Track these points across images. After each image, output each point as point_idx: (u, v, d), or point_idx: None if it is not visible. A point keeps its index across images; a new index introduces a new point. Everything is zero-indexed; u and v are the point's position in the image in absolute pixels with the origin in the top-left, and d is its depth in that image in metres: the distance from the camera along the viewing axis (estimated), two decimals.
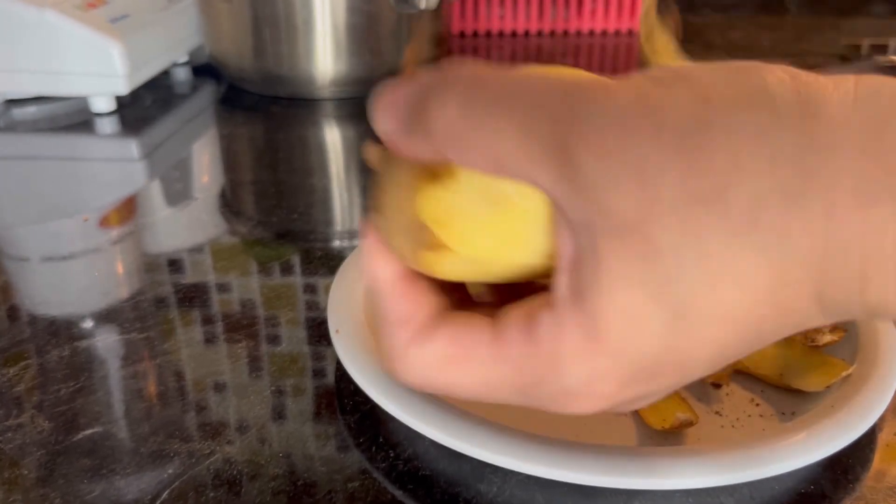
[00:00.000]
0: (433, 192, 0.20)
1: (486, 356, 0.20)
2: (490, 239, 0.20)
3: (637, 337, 0.18)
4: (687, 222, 0.17)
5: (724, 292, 0.17)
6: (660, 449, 0.28)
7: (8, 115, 0.70)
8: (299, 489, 0.29)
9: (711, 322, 0.18)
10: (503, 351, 0.20)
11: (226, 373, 0.35)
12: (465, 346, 0.21)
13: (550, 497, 0.28)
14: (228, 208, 0.55)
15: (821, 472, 0.29)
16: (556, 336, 0.19)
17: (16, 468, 0.30)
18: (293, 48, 0.72)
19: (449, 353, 0.21)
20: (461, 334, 0.21)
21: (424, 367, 0.21)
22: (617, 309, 0.18)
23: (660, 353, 0.18)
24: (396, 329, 0.22)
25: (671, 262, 0.17)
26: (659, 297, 0.17)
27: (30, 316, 0.40)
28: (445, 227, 0.20)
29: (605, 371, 0.19)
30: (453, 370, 0.21)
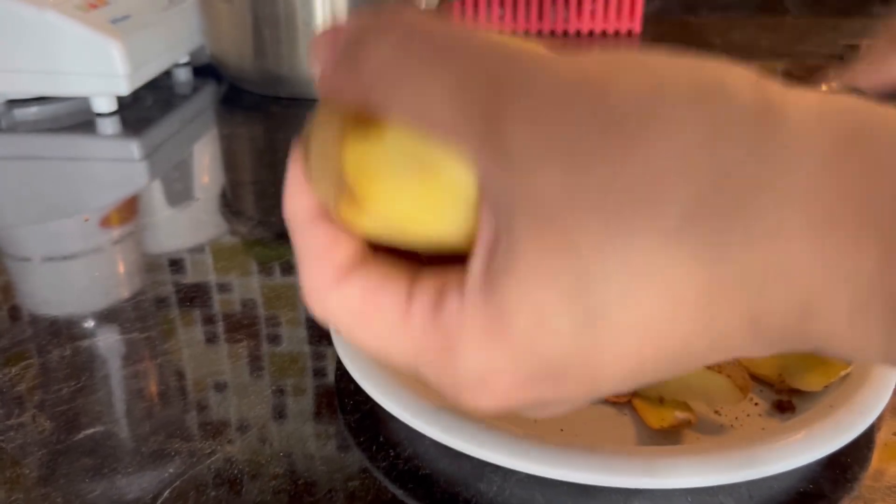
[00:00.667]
0: (359, 144, 0.19)
1: (392, 320, 0.19)
2: (409, 205, 0.19)
3: (542, 336, 0.16)
4: (612, 220, 0.15)
5: (646, 301, 0.16)
6: (659, 448, 0.28)
7: (9, 115, 0.70)
8: (300, 488, 0.29)
9: (628, 332, 0.16)
10: (408, 322, 0.19)
11: (226, 372, 0.35)
12: (375, 307, 0.19)
13: (550, 496, 0.28)
14: (229, 208, 0.55)
15: (819, 472, 0.29)
16: (458, 321, 0.18)
17: (17, 467, 0.30)
18: (293, 48, 0.72)
19: (360, 309, 0.20)
20: (374, 291, 0.19)
21: (336, 314, 0.20)
22: (525, 303, 0.16)
23: (565, 358, 0.17)
24: (314, 266, 0.20)
25: (589, 262, 0.16)
26: (572, 298, 0.16)
27: (31, 316, 0.40)
28: (366, 183, 0.19)
29: (501, 366, 0.17)
30: (361, 328, 0.20)
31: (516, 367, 0.17)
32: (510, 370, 0.17)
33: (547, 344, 0.16)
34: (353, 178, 0.19)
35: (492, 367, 0.17)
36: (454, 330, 0.18)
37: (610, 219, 0.15)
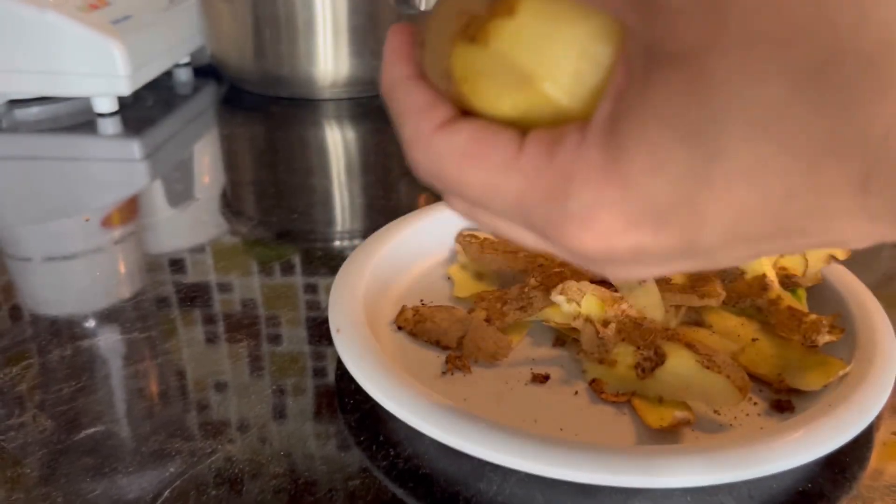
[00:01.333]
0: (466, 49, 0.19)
1: (501, 161, 0.19)
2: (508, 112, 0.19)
3: (658, 176, 0.17)
4: (749, 63, 0.15)
5: (762, 148, 0.16)
6: (659, 448, 0.28)
7: (10, 115, 0.70)
8: (300, 488, 0.29)
9: (741, 178, 0.16)
10: (520, 160, 0.19)
11: (227, 372, 0.35)
12: (485, 146, 0.19)
13: (550, 495, 0.28)
14: (229, 208, 0.55)
15: (818, 471, 0.29)
16: (575, 156, 0.18)
17: (18, 467, 0.30)
18: (294, 49, 0.72)
19: (468, 148, 0.20)
20: (485, 134, 0.20)
21: (442, 156, 0.20)
22: (646, 143, 0.17)
23: (677, 199, 0.17)
24: (421, 116, 0.20)
25: (720, 103, 0.16)
26: (694, 139, 0.16)
27: (32, 315, 0.40)
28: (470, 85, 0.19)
29: (612, 202, 0.17)
30: (467, 166, 0.20)
31: (626, 207, 0.17)
32: (619, 209, 0.18)
33: (658, 185, 0.17)
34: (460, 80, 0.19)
35: (602, 203, 0.18)
36: (569, 164, 0.18)
37: (746, 63, 0.15)
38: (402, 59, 0.21)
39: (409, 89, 0.21)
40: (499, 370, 0.35)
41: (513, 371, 0.35)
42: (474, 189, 0.20)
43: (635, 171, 0.17)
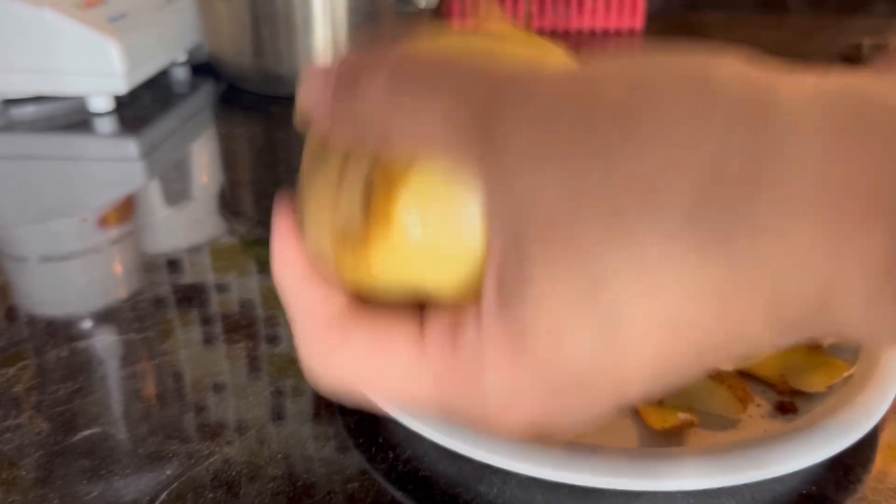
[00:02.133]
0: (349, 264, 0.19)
1: (406, 363, 0.19)
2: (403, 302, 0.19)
3: (563, 350, 0.16)
4: (615, 220, 0.15)
5: (660, 298, 0.16)
6: (661, 450, 0.28)
7: (6, 114, 0.70)
8: (299, 490, 0.28)
9: (647, 331, 0.16)
10: (425, 357, 0.18)
11: (225, 373, 0.35)
12: (385, 351, 0.19)
13: (551, 498, 0.28)
14: (227, 208, 0.54)
15: (822, 473, 0.29)
16: (478, 346, 0.17)
17: (14, 469, 0.29)
18: (292, 47, 0.72)
19: (369, 356, 0.19)
20: (382, 338, 0.19)
21: (345, 370, 0.20)
22: (542, 318, 0.16)
23: (589, 368, 0.17)
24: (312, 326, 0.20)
25: (599, 265, 0.15)
26: (586, 305, 0.16)
27: (28, 316, 0.40)
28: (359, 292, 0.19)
29: (528, 383, 0.17)
30: (373, 375, 0.19)
31: (542, 384, 0.17)
32: (536, 388, 0.17)
33: (569, 357, 0.16)
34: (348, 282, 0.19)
35: (517, 387, 0.17)
36: (475, 355, 0.17)
37: (612, 220, 0.15)
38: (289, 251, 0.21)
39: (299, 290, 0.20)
40: None
41: None
42: (388, 394, 0.19)
43: (541, 347, 0.17)
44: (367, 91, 0.18)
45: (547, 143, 0.16)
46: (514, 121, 0.16)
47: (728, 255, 0.15)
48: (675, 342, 0.16)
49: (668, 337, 0.16)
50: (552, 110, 0.16)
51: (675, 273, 0.15)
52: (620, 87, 0.16)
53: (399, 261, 0.19)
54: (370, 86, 0.18)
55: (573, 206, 0.15)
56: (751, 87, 0.15)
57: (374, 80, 0.18)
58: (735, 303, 0.16)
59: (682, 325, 0.16)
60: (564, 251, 0.16)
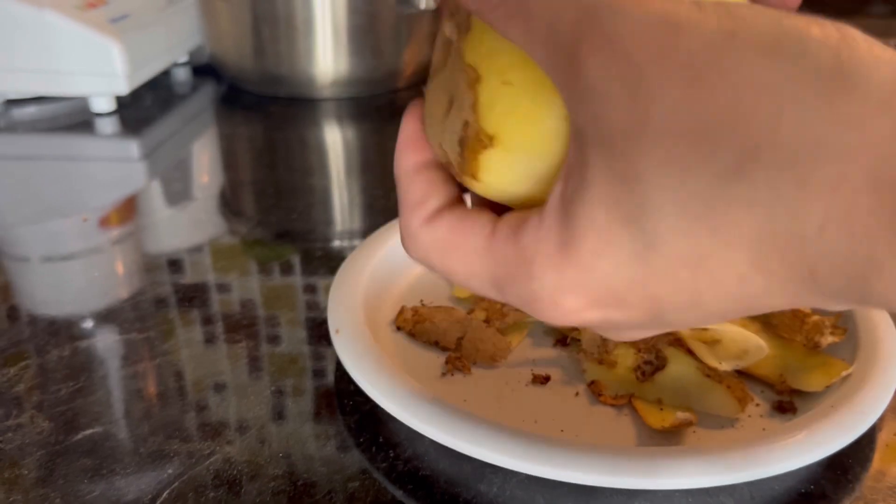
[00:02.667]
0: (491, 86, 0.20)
1: (476, 248, 0.21)
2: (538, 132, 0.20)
3: (606, 258, 0.18)
4: (672, 154, 0.16)
5: (695, 238, 0.16)
6: (660, 449, 0.28)
7: (8, 115, 0.70)
8: (299, 489, 0.29)
9: (678, 264, 0.17)
10: (491, 245, 0.21)
11: (226, 373, 0.35)
12: (462, 236, 0.21)
13: (551, 497, 0.28)
14: (228, 208, 0.55)
15: (821, 472, 0.29)
16: (535, 240, 0.19)
17: (16, 468, 0.30)
18: (293, 48, 0.72)
19: (448, 239, 0.22)
20: (462, 225, 0.21)
21: (427, 248, 0.22)
22: (592, 226, 0.18)
23: (628, 281, 0.18)
24: (410, 211, 0.23)
25: (648, 192, 0.16)
26: (632, 224, 0.17)
27: (30, 316, 0.40)
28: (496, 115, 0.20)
29: (572, 284, 0.19)
30: (449, 256, 0.22)
31: (583, 290, 0.18)
32: (580, 289, 0.19)
33: (609, 268, 0.18)
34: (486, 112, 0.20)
35: (563, 284, 0.19)
36: (530, 250, 0.19)
37: (670, 153, 0.16)
38: (407, 149, 0.24)
39: (407, 184, 0.23)
40: (499, 371, 0.35)
41: (513, 372, 0.34)
42: (457, 275, 0.22)
43: (587, 254, 0.18)
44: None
45: (623, 71, 0.16)
46: (597, 45, 0.17)
47: (770, 207, 0.15)
48: (708, 282, 0.17)
49: (701, 275, 0.17)
50: (635, 39, 0.17)
51: (712, 218, 0.16)
52: (709, 28, 0.16)
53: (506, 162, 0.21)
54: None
55: (636, 132, 0.16)
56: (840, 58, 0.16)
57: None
58: (771, 256, 0.16)
59: (716, 269, 0.17)
60: (622, 172, 0.17)
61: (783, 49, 0.16)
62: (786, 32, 0.16)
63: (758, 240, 0.16)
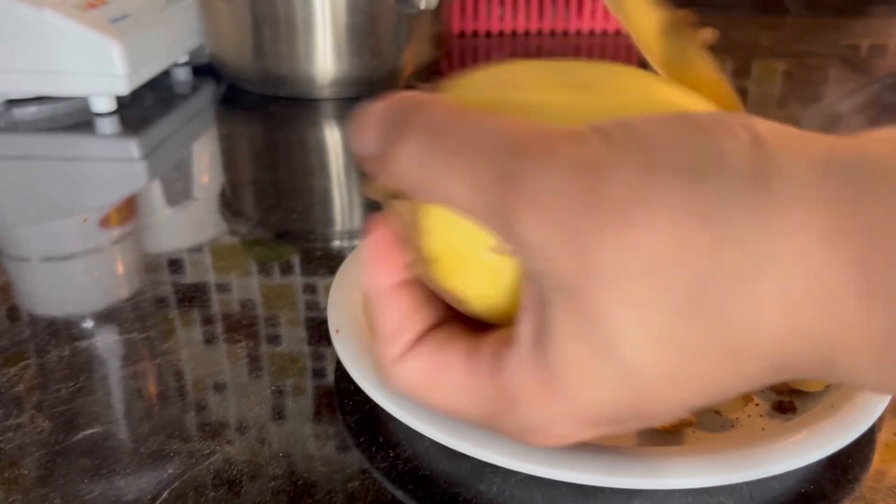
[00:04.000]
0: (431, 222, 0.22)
1: (457, 383, 0.21)
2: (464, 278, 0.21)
3: (590, 390, 0.18)
4: (626, 294, 0.17)
5: (671, 359, 0.17)
6: (659, 448, 0.28)
7: (8, 115, 0.70)
8: (299, 489, 0.29)
9: (663, 382, 0.18)
10: (471, 381, 0.21)
11: (226, 373, 0.35)
12: (440, 371, 0.22)
13: (550, 497, 0.28)
14: (228, 208, 0.55)
15: (820, 472, 0.29)
16: (516, 376, 0.20)
17: (15, 468, 0.30)
18: (293, 48, 0.72)
19: (426, 374, 0.22)
20: (439, 358, 0.22)
21: (405, 382, 0.23)
22: (568, 361, 0.18)
23: (615, 405, 0.18)
24: (383, 344, 0.23)
25: (616, 329, 0.17)
26: (606, 360, 0.18)
27: (29, 316, 0.40)
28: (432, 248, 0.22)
29: (560, 416, 0.19)
30: (429, 390, 0.22)
31: (572, 418, 0.19)
32: (570, 418, 0.19)
33: (596, 396, 0.18)
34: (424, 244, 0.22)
35: (552, 417, 0.19)
36: (513, 384, 0.20)
37: (626, 294, 0.17)
38: (379, 268, 0.24)
39: (381, 310, 0.23)
40: None
41: None
42: (441, 408, 0.22)
43: (571, 388, 0.18)
44: (403, 156, 0.20)
45: (559, 226, 0.17)
46: (529, 201, 0.17)
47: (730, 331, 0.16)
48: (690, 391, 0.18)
49: (682, 387, 0.18)
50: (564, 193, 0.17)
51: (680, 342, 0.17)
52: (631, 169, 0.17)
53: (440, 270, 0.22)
54: (406, 151, 0.20)
55: (586, 279, 0.17)
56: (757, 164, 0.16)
57: (409, 144, 0.19)
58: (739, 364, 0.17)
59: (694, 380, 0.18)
60: (581, 313, 0.17)
61: (703, 170, 0.16)
62: (703, 149, 0.16)
63: (726, 353, 0.17)
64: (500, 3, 0.96)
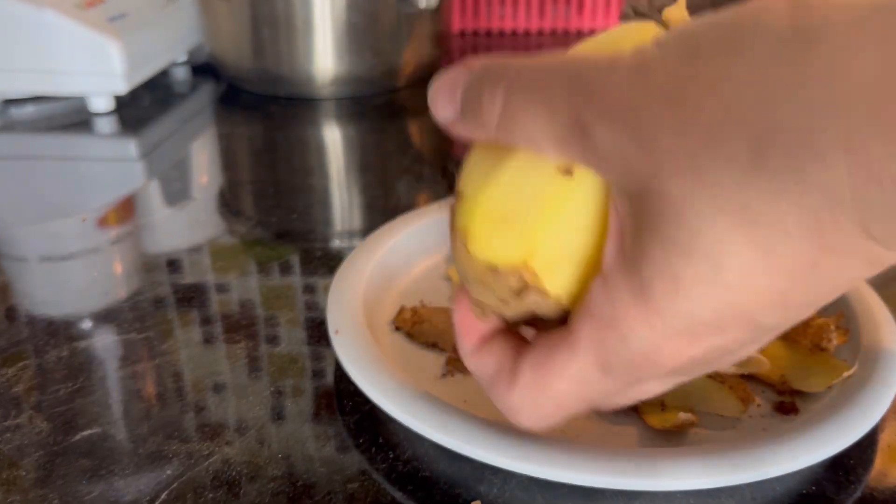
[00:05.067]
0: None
1: (565, 357, 0.21)
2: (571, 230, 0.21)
3: (682, 296, 0.18)
4: (694, 170, 0.17)
5: (758, 244, 0.17)
6: (661, 450, 0.28)
7: (6, 114, 0.70)
8: (299, 490, 0.28)
9: (758, 274, 0.17)
10: (575, 342, 0.21)
11: (225, 373, 0.35)
12: (545, 362, 0.22)
13: (551, 498, 0.28)
14: (227, 208, 0.54)
15: (822, 473, 0.29)
16: (608, 301, 0.19)
17: (14, 469, 0.29)
18: (293, 48, 0.72)
19: (536, 376, 0.22)
20: (539, 356, 0.22)
21: (528, 401, 0.22)
22: (656, 271, 0.18)
23: (712, 309, 0.18)
24: (492, 386, 0.23)
25: (692, 220, 0.17)
26: (691, 254, 0.17)
27: (28, 316, 0.40)
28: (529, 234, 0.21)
29: (664, 331, 0.19)
30: (548, 389, 0.22)
31: (677, 328, 0.19)
32: (674, 331, 0.19)
33: (688, 303, 0.18)
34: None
35: (657, 334, 0.19)
36: (608, 310, 0.20)
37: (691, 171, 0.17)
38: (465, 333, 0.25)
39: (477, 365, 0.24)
40: None
41: None
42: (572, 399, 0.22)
43: (662, 298, 0.18)
44: (490, 104, 0.21)
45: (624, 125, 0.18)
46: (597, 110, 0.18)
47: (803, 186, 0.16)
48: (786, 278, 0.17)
49: (777, 274, 0.17)
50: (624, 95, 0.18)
51: (758, 214, 0.17)
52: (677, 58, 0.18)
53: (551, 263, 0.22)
54: (493, 99, 0.21)
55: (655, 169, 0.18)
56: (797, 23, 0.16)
57: (495, 91, 0.21)
58: (826, 233, 0.16)
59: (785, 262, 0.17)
60: (659, 208, 0.18)
61: (745, 40, 0.17)
62: (741, 25, 0.17)
63: (807, 218, 0.16)
64: (500, 2, 0.96)
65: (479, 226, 0.22)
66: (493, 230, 0.21)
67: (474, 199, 0.22)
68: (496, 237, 0.21)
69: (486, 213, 0.22)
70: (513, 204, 0.21)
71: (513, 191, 0.21)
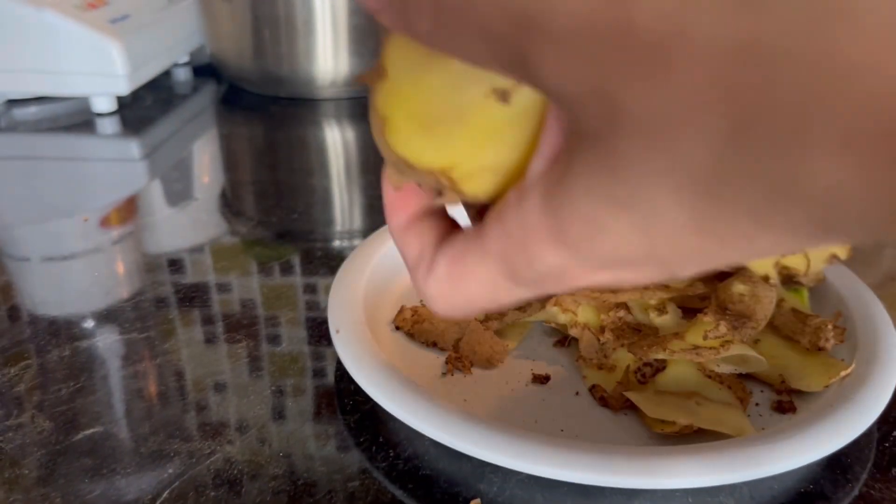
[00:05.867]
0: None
1: (476, 260, 0.21)
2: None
3: (600, 242, 0.18)
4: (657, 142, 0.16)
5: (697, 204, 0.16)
6: (660, 448, 0.28)
7: (9, 115, 0.70)
8: (299, 489, 0.29)
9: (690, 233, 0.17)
10: (486, 249, 0.20)
11: (226, 373, 0.35)
12: (459, 260, 0.21)
13: (550, 496, 0.28)
14: (229, 208, 0.55)
15: (820, 472, 0.29)
16: (519, 222, 0.19)
17: (16, 468, 0.30)
18: (293, 48, 0.72)
19: (451, 272, 0.22)
20: (455, 252, 0.22)
21: (441, 293, 0.22)
22: (579, 215, 0.17)
23: (632, 253, 0.18)
24: (414, 271, 0.23)
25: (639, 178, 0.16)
26: (626, 210, 0.17)
27: (30, 316, 0.40)
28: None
29: (575, 262, 0.19)
30: (460, 285, 0.22)
31: (589, 262, 0.18)
32: (582, 264, 0.19)
33: (610, 246, 0.18)
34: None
35: (565, 262, 0.19)
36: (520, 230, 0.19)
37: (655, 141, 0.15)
38: (393, 209, 0.24)
39: (402, 244, 0.24)
40: (499, 371, 0.35)
41: (513, 372, 0.34)
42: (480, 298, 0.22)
43: (582, 241, 0.18)
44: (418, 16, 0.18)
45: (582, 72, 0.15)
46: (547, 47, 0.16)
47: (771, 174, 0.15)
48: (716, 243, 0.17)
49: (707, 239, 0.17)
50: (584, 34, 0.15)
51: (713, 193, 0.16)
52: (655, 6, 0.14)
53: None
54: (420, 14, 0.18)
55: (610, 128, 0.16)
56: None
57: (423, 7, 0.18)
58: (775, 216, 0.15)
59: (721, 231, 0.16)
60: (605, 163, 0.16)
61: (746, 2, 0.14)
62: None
63: (762, 203, 0.15)
64: None
65: (400, 122, 0.20)
66: (414, 132, 0.20)
67: (398, 90, 0.20)
68: (416, 140, 0.20)
69: (410, 111, 0.20)
70: (438, 112, 0.20)
71: (441, 99, 0.19)
